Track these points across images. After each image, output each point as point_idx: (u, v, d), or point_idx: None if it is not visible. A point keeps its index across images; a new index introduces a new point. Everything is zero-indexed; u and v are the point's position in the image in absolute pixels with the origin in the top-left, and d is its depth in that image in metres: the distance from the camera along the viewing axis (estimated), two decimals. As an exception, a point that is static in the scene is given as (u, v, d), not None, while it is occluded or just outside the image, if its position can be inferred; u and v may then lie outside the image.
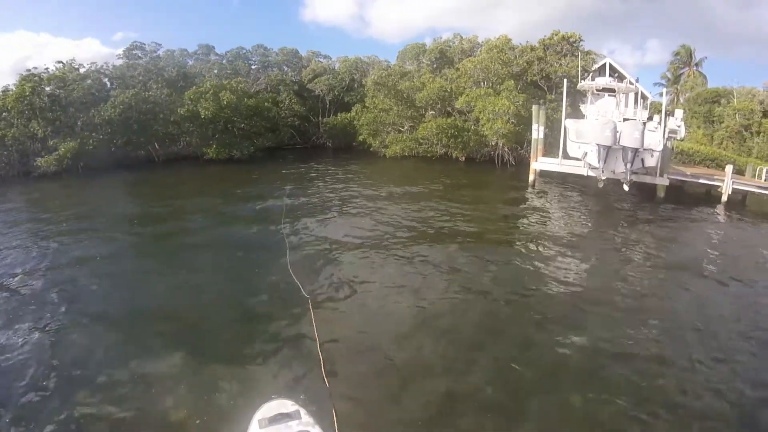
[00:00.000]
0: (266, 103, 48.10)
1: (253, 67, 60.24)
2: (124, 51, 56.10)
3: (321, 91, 52.29)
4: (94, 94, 43.77)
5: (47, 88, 41.93)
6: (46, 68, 43.96)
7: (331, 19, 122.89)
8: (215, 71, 56.30)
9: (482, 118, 35.84)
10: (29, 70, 43.09)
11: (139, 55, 56.85)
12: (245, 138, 44.03)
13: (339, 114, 49.94)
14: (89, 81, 45.69)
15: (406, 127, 41.81)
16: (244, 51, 60.26)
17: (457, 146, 37.79)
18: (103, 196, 28.43)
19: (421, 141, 39.33)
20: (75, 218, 20.57)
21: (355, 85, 52.58)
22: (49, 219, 20.59)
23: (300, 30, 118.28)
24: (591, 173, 26.04)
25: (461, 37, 47.91)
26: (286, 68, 59.38)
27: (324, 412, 7.25)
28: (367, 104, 45.53)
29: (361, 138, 45.23)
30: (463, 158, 38.32)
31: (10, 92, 41.81)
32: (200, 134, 42.96)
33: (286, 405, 6.64)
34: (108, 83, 48.07)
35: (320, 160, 41.05)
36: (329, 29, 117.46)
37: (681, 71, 60.41)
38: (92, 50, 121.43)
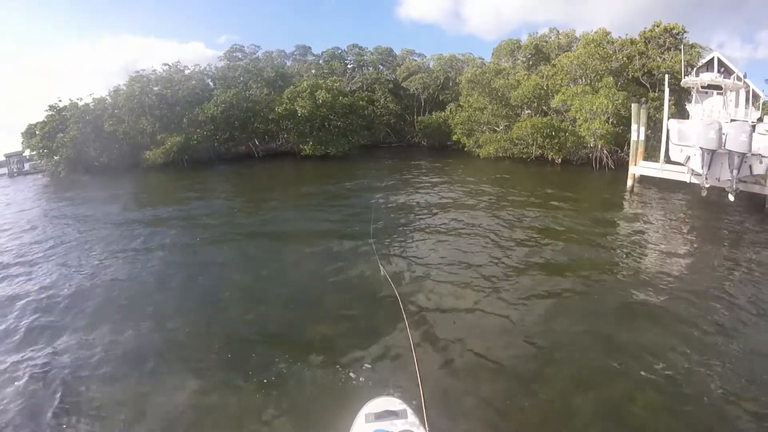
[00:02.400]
0: (361, 102, 49.69)
1: (348, 66, 62.37)
2: (225, 53, 61.00)
3: (416, 89, 53.42)
4: (198, 94, 48.69)
5: (155, 88, 47.24)
6: (154, 70, 49.38)
7: (426, 17, 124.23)
8: (312, 71, 59.01)
9: (579, 118, 34.98)
10: (138, 72, 48.78)
11: (240, 56, 61.27)
12: (341, 135, 46.16)
13: (434, 113, 50.73)
14: (193, 81, 50.82)
15: (500, 127, 41.66)
16: (340, 51, 62.59)
17: (553, 147, 36.78)
18: (208, 186, 33.63)
19: (516, 141, 38.85)
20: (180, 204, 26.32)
21: (450, 84, 53.15)
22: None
23: (396, 28, 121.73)
24: (694, 180, 24.12)
25: (557, 32, 47.05)
26: (381, 67, 61.02)
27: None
28: (461, 103, 45.91)
29: (455, 137, 45.52)
30: (560, 160, 37.21)
31: (122, 91, 47.59)
32: (297, 131, 45.79)
33: (394, 403, 6.62)
34: (211, 83, 52.55)
35: (414, 158, 42.30)
36: (424, 26, 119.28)
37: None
38: (197, 52, 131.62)
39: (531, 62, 44.55)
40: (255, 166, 42.91)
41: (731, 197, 22.36)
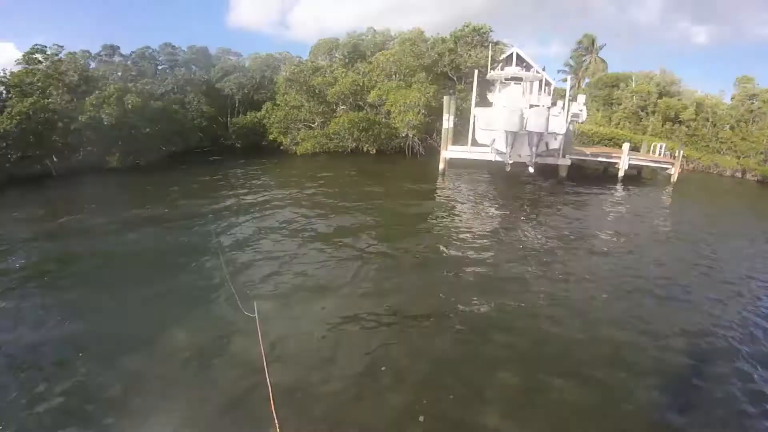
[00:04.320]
0: (174, 106, 45.38)
1: (159, 67, 57.62)
2: (23, 55, 52.10)
3: (230, 90, 50.29)
4: None
5: None
6: None
7: (252, 25, 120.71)
8: (119, 73, 53.42)
9: (393, 111, 35.78)
10: None
11: (40, 59, 53.06)
12: (151, 144, 41.67)
13: (249, 113, 47.98)
14: None
15: (317, 123, 40.74)
16: (151, 50, 57.33)
17: (368, 139, 37.28)
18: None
19: (332, 136, 38.48)
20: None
21: (266, 83, 50.85)
22: None
23: (224, 35, 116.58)
24: (498, 158, 26.86)
25: (375, 31, 47.41)
26: (194, 67, 57.11)
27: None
28: (277, 102, 44.18)
29: (271, 137, 43.61)
30: (374, 151, 37.85)
31: None
32: (103, 142, 40.17)
33: None
34: (4, 92, 44.50)
35: (229, 162, 38.93)
36: (251, 34, 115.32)
37: (584, 58, 63.48)
38: (6, 55, 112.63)
39: (348, 60, 44.30)
40: (49, 188, 35.30)
41: (531, 169, 26.28)
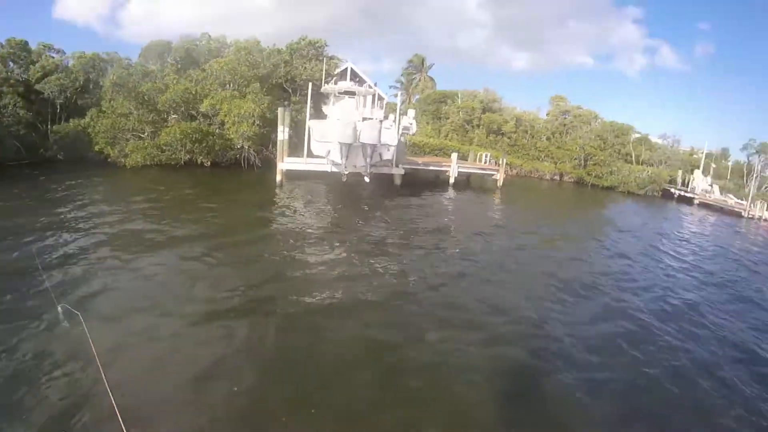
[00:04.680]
0: (-12, 110, 39.20)
1: (-30, 63, 50.12)
2: None
3: (51, 92, 45.17)
4: None
5: None
6: None
7: (83, 19, 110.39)
8: None
9: (228, 122, 35.20)
10: None
11: None
12: None
13: (72, 120, 42.70)
14: None
15: (147, 134, 38.17)
16: (-43, 42, 49.73)
17: (202, 151, 35.92)
18: None
19: (164, 148, 36.25)
20: None
21: (91, 86, 46.63)
22: None
23: (50, 29, 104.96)
24: (335, 169, 27.72)
25: (209, 37, 46.10)
26: (12, 64, 50.42)
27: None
28: (104, 108, 40.58)
29: (97, 147, 39.55)
30: (209, 163, 36.49)
31: None
32: None
33: None
34: None
35: (51, 176, 33.33)
36: (80, 30, 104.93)
37: (414, 76, 67.78)
38: None
39: (181, 65, 42.64)
40: None
41: (367, 179, 27.70)
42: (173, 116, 38.50)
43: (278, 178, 29.94)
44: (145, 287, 12.42)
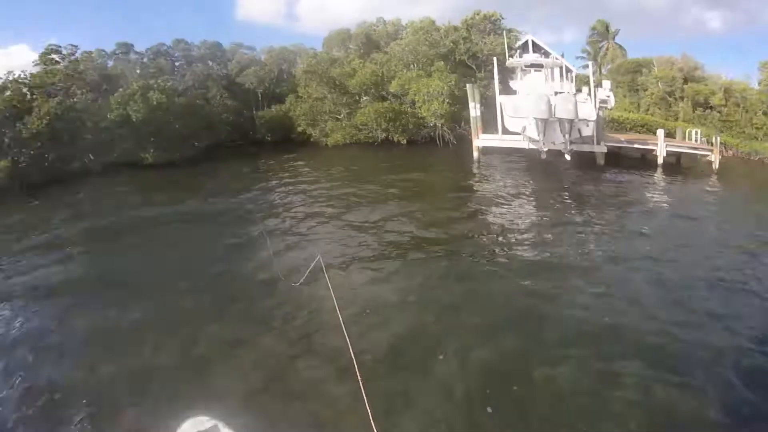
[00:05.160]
0: (198, 101, 45.61)
1: (176, 63, 57.53)
2: (40, 56, 51.73)
3: (251, 83, 50.48)
4: (16, 107, 39.93)
5: None
6: None
7: (264, 18, 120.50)
8: (138, 71, 53.33)
9: (418, 100, 36.56)
10: None
11: (56, 59, 52.85)
12: (182, 139, 41.38)
13: (273, 106, 48.54)
14: (9, 92, 41.81)
15: (343, 115, 41.37)
16: (165, 47, 57.29)
17: (397, 130, 37.82)
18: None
19: (361, 127, 39.07)
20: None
21: (285, 76, 51.37)
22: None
23: (234, 29, 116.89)
24: (532, 146, 26.90)
25: (384, 21, 48.32)
26: (210, 63, 56.92)
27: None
28: (300, 94, 44.70)
29: (299, 129, 44.07)
30: (405, 141, 38.28)
31: None
32: (135, 139, 39.92)
33: (203, 422, 6.58)
34: (27, 93, 44.12)
35: (261, 155, 39.72)
36: (260, 27, 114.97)
37: (600, 44, 62.62)
38: (25, 57, 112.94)
39: (363, 50, 45.10)
40: (92, 183, 34.63)
41: (567, 157, 26.20)
42: (365, 98, 41.08)
43: (475, 154, 30.30)
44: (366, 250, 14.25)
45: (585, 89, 31.41)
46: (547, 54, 33.70)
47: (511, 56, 33.78)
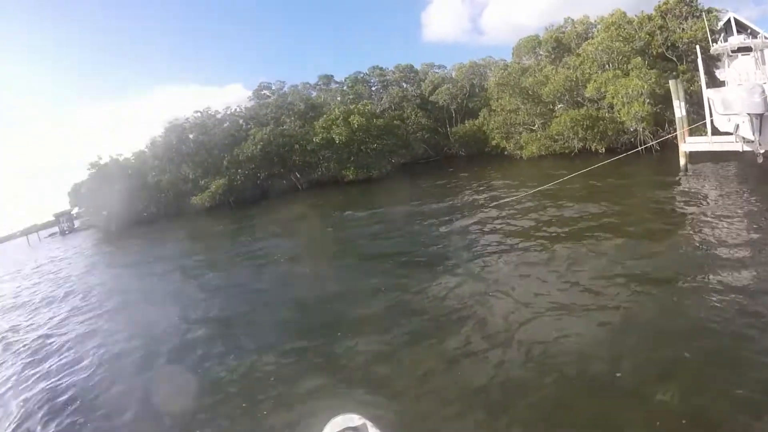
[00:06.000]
0: (395, 121, 50.41)
1: (373, 88, 63.46)
2: (253, 92, 62.90)
3: (444, 101, 53.97)
4: (233, 135, 50.66)
5: (191, 135, 49.39)
6: (186, 118, 51.45)
7: (446, 37, 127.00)
8: (338, 98, 60.29)
9: (616, 103, 34.72)
10: (171, 122, 51.53)
11: (267, 94, 62.93)
12: (380, 157, 46.92)
13: (466, 121, 51.33)
14: (226, 124, 52.59)
15: (537, 125, 41.57)
16: (362, 74, 63.71)
17: (595, 138, 36.33)
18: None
19: (556, 137, 38.61)
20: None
21: (476, 90, 53.87)
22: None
23: (417, 51, 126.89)
24: (747, 148, 22.87)
25: (573, 21, 47.21)
26: (404, 84, 61.83)
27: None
28: (493, 107, 46.14)
29: (494, 142, 45.62)
30: (603, 149, 35.98)
31: (159, 142, 50.17)
32: (337, 159, 46.71)
33: (353, 419, 6.54)
34: (243, 123, 54.20)
35: (455, 169, 41.98)
36: (445, 47, 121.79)
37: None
38: (238, 93, 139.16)
39: (554, 56, 44.93)
40: (300, 197, 44.19)
41: None
42: (559, 105, 40.60)
43: (681, 161, 27.06)
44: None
45: (809, 76, 26.77)
46: (754, 33, 30.05)
47: (714, 41, 30.79)
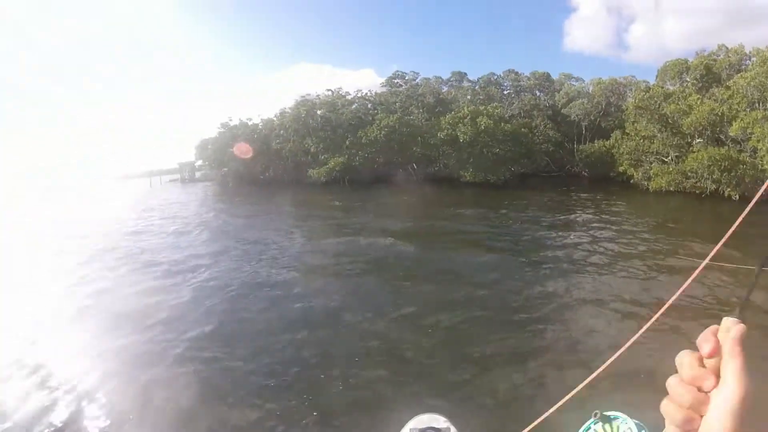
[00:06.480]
0: (522, 129, 49.06)
1: (505, 92, 63.24)
2: (386, 80, 65.30)
3: (576, 116, 52.35)
4: (360, 117, 53.08)
5: (319, 112, 52.80)
6: (318, 95, 54.94)
7: (589, 48, 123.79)
8: (468, 97, 60.89)
9: (761, 148, 31.81)
10: (303, 96, 54.80)
11: (400, 83, 64.98)
12: (501, 163, 46.11)
13: (596, 141, 48.82)
14: (355, 105, 55.44)
15: (670, 157, 39.15)
16: (496, 76, 63.50)
17: (730, 182, 33.19)
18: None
19: (689, 174, 35.72)
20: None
21: (612, 110, 51.73)
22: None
23: (556, 58, 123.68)
24: None
25: (727, 49, 44.15)
26: (538, 93, 61.01)
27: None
28: (627, 131, 43.50)
29: (621, 168, 42.84)
30: (737, 197, 32.66)
31: (288, 114, 53.87)
32: (457, 157, 47.16)
33: (439, 420, 6.12)
34: (371, 108, 56.79)
35: (578, 192, 39.55)
36: (586, 58, 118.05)
37: None
38: (368, 79, 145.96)
39: (701, 84, 42.00)
40: (417, 189, 44.33)
41: None
42: (698, 140, 37.72)
43: None
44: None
45: None
46: None
47: None
